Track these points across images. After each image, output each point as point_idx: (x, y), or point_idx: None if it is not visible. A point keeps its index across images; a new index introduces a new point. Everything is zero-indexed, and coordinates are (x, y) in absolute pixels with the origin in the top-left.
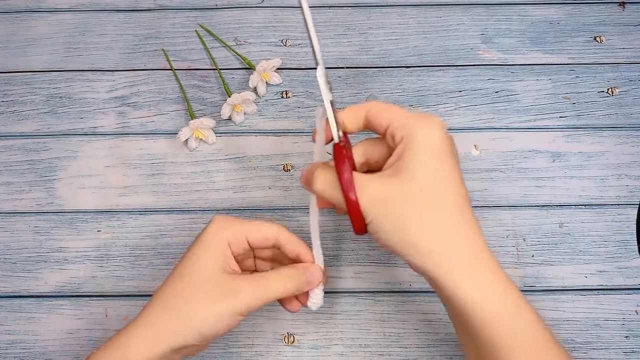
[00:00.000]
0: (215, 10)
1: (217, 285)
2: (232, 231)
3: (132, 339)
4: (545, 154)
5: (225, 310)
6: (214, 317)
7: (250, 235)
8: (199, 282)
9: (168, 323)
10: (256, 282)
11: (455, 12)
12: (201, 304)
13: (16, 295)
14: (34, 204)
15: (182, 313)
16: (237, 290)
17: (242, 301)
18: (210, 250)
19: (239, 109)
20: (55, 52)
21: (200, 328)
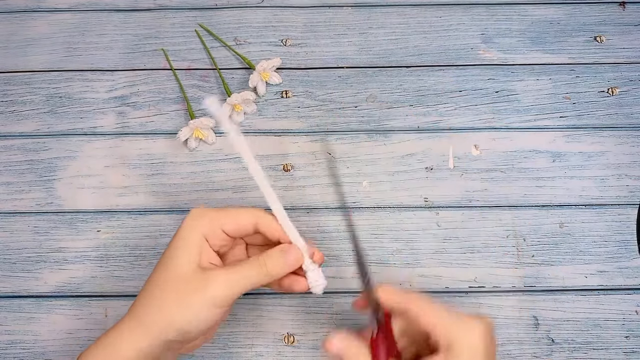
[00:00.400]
0: (215, 10)
1: (189, 281)
2: (206, 224)
3: (118, 337)
4: (546, 154)
5: (197, 304)
6: (188, 312)
7: (225, 226)
8: (173, 279)
9: (149, 320)
10: (227, 272)
11: (456, 12)
12: (174, 300)
13: (16, 295)
14: (33, 204)
15: (159, 310)
16: (206, 283)
17: (212, 293)
18: (186, 246)
19: (239, 109)
20: (54, 52)
21: (178, 324)
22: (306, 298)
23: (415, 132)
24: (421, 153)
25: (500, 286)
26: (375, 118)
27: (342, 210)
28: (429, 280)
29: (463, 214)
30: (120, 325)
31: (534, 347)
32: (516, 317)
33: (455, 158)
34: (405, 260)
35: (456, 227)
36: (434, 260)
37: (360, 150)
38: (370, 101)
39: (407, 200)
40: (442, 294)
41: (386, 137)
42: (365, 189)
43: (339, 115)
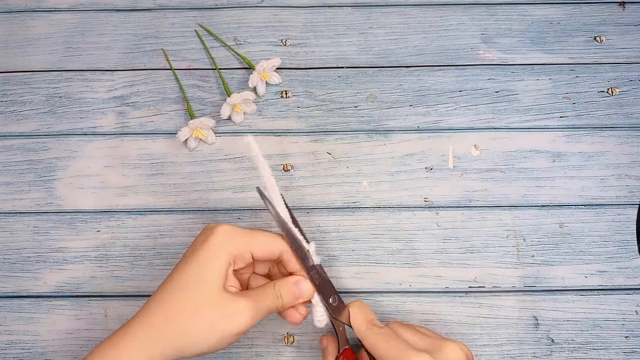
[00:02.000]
0: (214, 10)
1: (220, 306)
2: (238, 245)
3: (130, 342)
4: (546, 154)
5: (227, 332)
6: (215, 338)
7: (256, 251)
8: (202, 300)
9: (165, 337)
10: (254, 301)
11: (456, 12)
12: (204, 324)
13: (15, 295)
14: (33, 204)
15: (183, 330)
16: (238, 312)
17: (243, 322)
18: (214, 264)
19: (239, 109)
20: (54, 51)
21: (201, 346)
22: None
23: (415, 132)
24: (421, 153)
25: (500, 286)
26: (375, 118)
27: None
28: (428, 280)
29: (463, 214)
30: (132, 329)
31: (534, 347)
32: (516, 317)
33: (455, 158)
34: (405, 260)
35: (456, 227)
36: (433, 260)
37: (360, 150)
38: (370, 101)
39: (407, 200)
40: (442, 294)
41: (386, 137)
42: (365, 189)
43: (339, 115)
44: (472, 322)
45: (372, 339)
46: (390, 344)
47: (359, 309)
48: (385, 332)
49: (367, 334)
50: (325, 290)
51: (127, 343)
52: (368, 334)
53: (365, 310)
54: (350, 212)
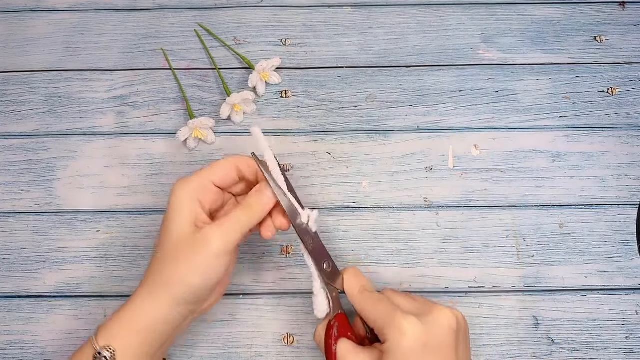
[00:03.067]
0: (214, 9)
1: (190, 240)
2: (195, 184)
3: (137, 308)
4: (545, 154)
5: (201, 260)
6: (197, 270)
7: (214, 177)
8: (177, 243)
9: (160, 287)
10: (219, 225)
11: (455, 12)
12: (182, 261)
13: (15, 295)
14: (32, 204)
15: (168, 274)
16: (207, 237)
17: (214, 245)
18: (180, 210)
19: (239, 109)
20: (54, 51)
21: (190, 282)
22: (306, 298)
23: (415, 132)
24: (421, 153)
25: (500, 286)
26: (375, 118)
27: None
28: (428, 280)
29: (463, 214)
30: (135, 297)
31: (534, 347)
32: (516, 317)
33: (455, 158)
34: (405, 260)
35: (456, 227)
36: (433, 261)
37: (360, 150)
38: (370, 101)
39: (407, 200)
40: (442, 294)
41: (386, 137)
42: (365, 189)
43: (339, 115)
44: (472, 322)
45: (362, 303)
46: (380, 307)
47: (353, 275)
48: (376, 297)
49: (358, 297)
50: (320, 256)
51: (132, 302)
52: (359, 297)
53: (358, 276)
54: (350, 212)
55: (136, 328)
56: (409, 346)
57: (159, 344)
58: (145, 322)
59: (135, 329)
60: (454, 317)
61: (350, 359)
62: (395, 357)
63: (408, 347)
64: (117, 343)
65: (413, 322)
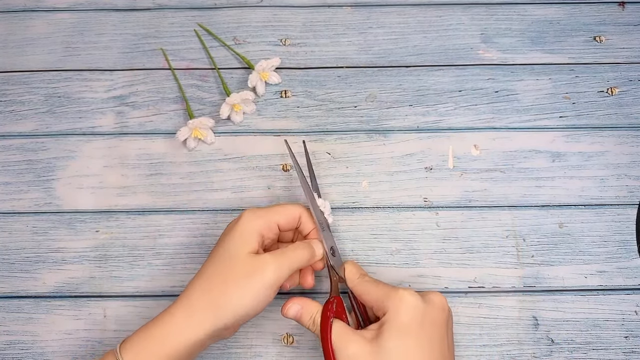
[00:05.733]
0: (214, 9)
1: (246, 267)
2: (264, 220)
3: (173, 326)
4: (545, 153)
5: (255, 286)
6: (248, 294)
7: (281, 220)
8: (232, 269)
9: (204, 309)
10: (278, 255)
11: (455, 12)
12: (235, 288)
13: (14, 295)
14: (32, 204)
15: (217, 299)
16: (264, 265)
17: (269, 273)
18: (242, 238)
19: (238, 109)
20: (53, 51)
21: (236, 309)
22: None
23: (415, 132)
24: (421, 153)
25: (499, 286)
26: (375, 118)
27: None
28: (428, 280)
29: (462, 214)
30: (171, 316)
31: (534, 347)
32: (516, 318)
33: (455, 158)
34: (405, 260)
35: (456, 227)
36: (433, 261)
37: (359, 150)
38: (370, 101)
39: (407, 200)
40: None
41: (386, 137)
42: (365, 189)
43: (339, 115)
44: (471, 322)
45: (364, 285)
46: (380, 286)
47: (354, 264)
48: (375, 280)
49: (359, 281)
50: (328, 240)
51: (168, 322)
52: (361, 281)
53: (358, 266)
54: (350, 212)
55: (167, 350)
56: (408, 314)
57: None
58: (179, 345)
59: (166, 351)
60: (446, 301)
61: (345, 337)
62: (396, 324)
63: (408, 315)
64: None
65: (413, 293)
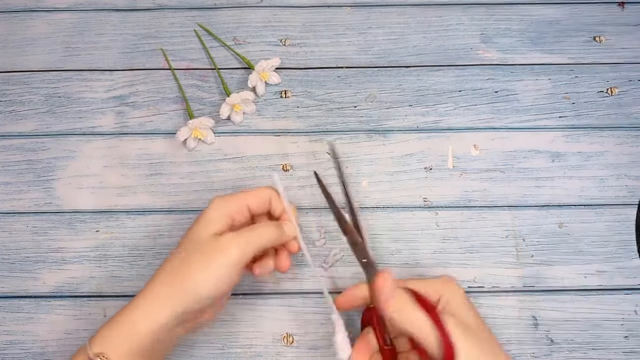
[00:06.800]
0: (214, 9)
1: (208, 246)
2: (234, 203)
3: (137, 312)
4: (545, 154)
5: (218, 265)
6: (210, 274)
7: (251, 202)
8: (192, 250)
9: (166, 293)
10: (242, 232)
11: (455, 12)
12: (194, 266)
13: (14, 295)
14: (32, 204)
15: (178, 280)
16: (225, 243)
17: (232, 253)
18: (206, 222)
19: (238, 109)
20: (53, 51)
21: (197, 289)
22: (305, 298)
23: (415, 132)
24: (420, 153)
25: (499, 286)
26: (375, 118)
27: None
28: None
29: (462, 214)
30: (138, 301)
31: (533, 347)
32: (515, 317)
33: (455, 158)
34: (405, 260)
35: (455, 227)
36: (433, 261)
37: (359, 150)
38: (370, 101)
39: (407, 200)
40: None
41: (385, 137)
42: (365, 189)
43: (338, 115)
44: None
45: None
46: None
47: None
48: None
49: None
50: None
51: (133, 308)
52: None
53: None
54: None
55: (134, 333)
56: (463, 295)
57: (154, 352)
58: (145, 328)
59: (133, 335)
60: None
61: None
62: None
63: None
64: (112, 351)
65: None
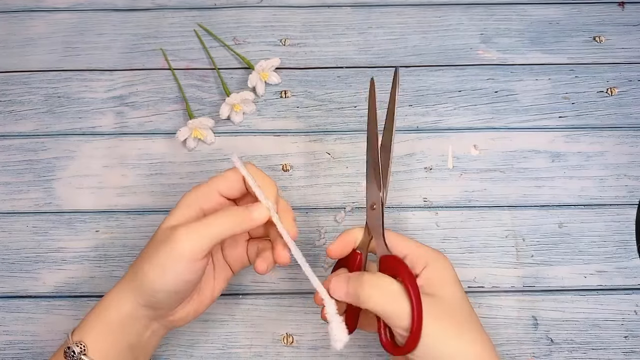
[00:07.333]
0: (213, 9)
1: (157, 239)
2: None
3: (108, 304)
4: (545, 154)
5: (168, 259)
6: (162, 269)
7: (220, 185)
8: (150, 243)
9: (129, 284)
10: (195, 224)
11: (455, 12)
12: (147, 259)
13: (14, 295)
14: (32, 204)
15: (135, 272)
16: (175, 236)
17: (184, 244)
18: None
19: (238, 109)
20: (53, 51)
21: (151, 284)
22: (305, 298)
23: (415, 132)
24: (420, 153)
25: (499, 286)
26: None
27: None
28: None
29: (462, 214)
30: (109, 292)
31: (533, 347)
32: (515, 317)
33: (455, 158)
34: None
35: (455, 227)
36: None
37: (359, 150)
38: None
39: (407, 200)
40: None
41: None
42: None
43: (338, 115)
44: None
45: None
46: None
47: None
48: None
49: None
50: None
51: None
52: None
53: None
54: (350, 212)
55: (105, 322)
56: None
57: (127, 342)
58: (113, 317)
59: (104, 323)
60: None
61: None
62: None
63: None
64: (88, 338)
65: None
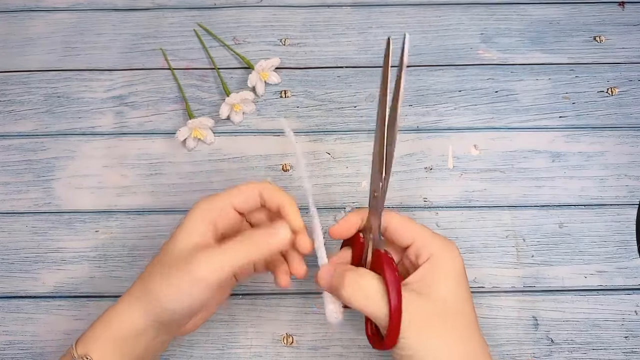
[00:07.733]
0: (213, 9)
1: (179, 263)
2: (215, 206)
3: (117, 316)
4: (545, 154)
5: (184, 286)
6: (171, 290)
7: (235, 201)
8: (167, 260)
9: (140, 300)
10: (217, 252)
11: (455, 12)
12: (164, 279)
13: (14, 295)
14: (31, 204)
15: (149, 289)
16: (193, 265)
17: (200, 273)
18: (183, 231)
19: (238, 109)
20: (53, 51)
21: (165, 303)
22: (305, 298)
23: (415, 132)
24: (420, 153)
25: (499, 286)
26: (374, 118)
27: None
28: None
29: (462, 214)
30: (117, 305)
31: (534, 347)
32: (515, 318)
33: (455, 158)
34: None
35: (455, 227)
36: None
37: (359, 150)
38: (370, 101)
39: (407, 200)
40: None
41: None
42: (365, 189)
43: (338, 115)
44: None
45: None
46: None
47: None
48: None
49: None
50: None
51: (112, 320)
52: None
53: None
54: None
55: (113, 336)
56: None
57: (135, 356)
58: (122, 332)
59: (112, 338)
60: None
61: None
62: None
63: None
64: (95, 353)
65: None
